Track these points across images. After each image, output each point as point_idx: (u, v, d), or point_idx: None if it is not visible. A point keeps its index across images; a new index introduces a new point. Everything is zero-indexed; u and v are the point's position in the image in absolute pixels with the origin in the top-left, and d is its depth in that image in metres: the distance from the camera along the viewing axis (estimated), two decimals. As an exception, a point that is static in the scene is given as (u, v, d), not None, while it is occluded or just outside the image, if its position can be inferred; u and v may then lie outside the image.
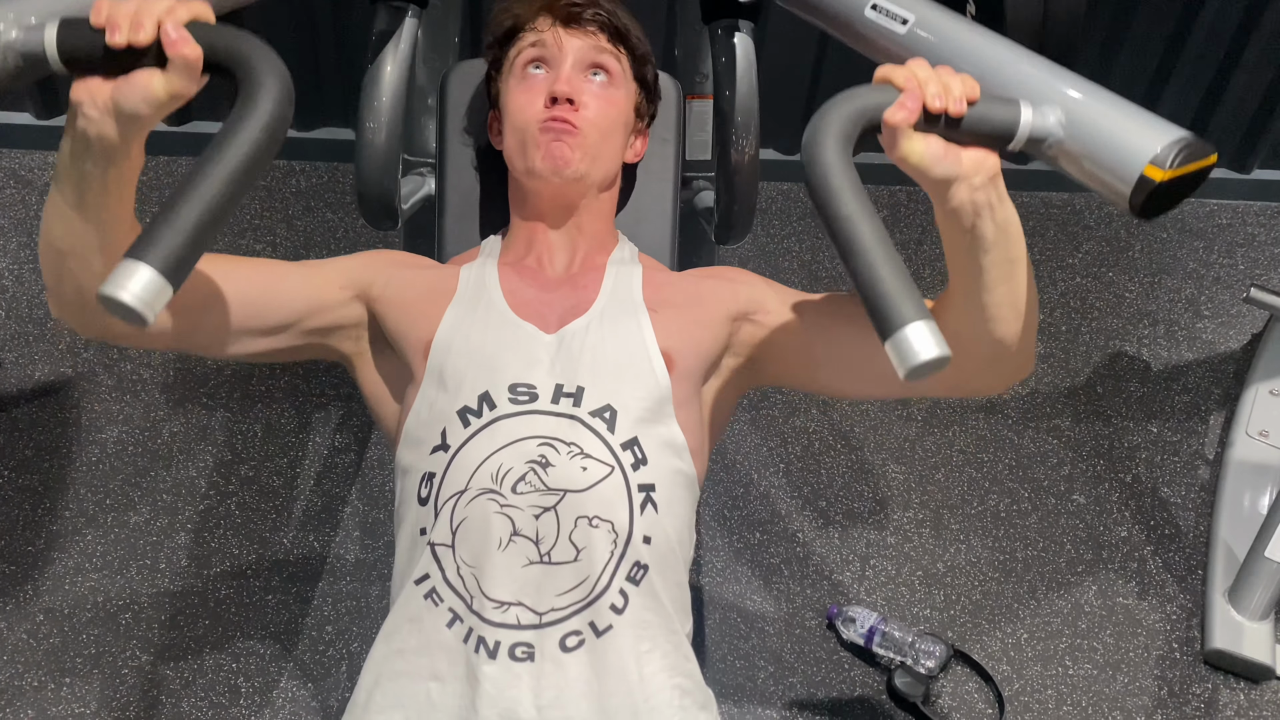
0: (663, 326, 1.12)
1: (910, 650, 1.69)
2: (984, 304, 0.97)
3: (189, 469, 1.89)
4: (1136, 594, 1.85)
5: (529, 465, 1.04)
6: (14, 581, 1.71)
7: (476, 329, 1.11)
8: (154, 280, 0.73)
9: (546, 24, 1.21)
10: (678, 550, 1.09)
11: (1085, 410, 2.13)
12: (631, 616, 1.03)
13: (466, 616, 1.02)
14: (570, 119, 1.16)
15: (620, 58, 1.23)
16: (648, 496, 1.06)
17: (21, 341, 2.04)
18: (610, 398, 1.07)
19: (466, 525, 1.03)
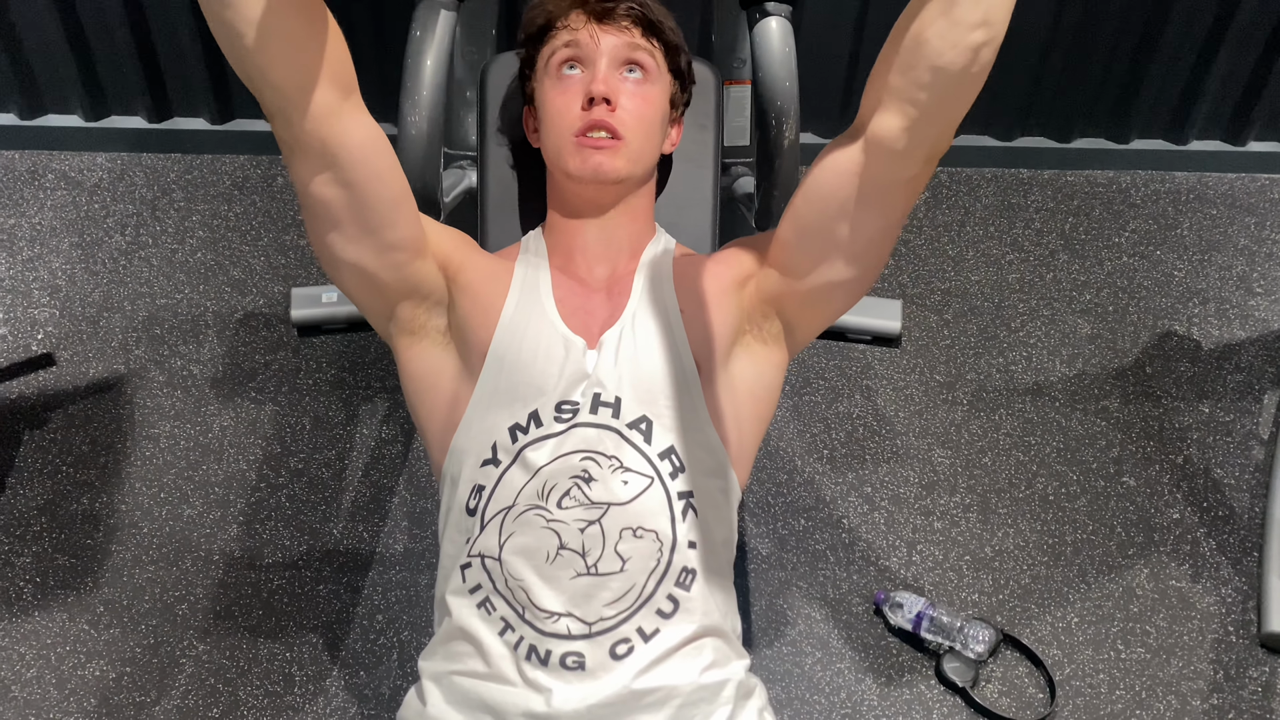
0: (692, 324, 1.13)
1: (959, 635, 1.68)
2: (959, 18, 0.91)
3: (239, 462, 1.92)
4: (1190, 577, 1.82)
5: (573, 481, 1.06)
6: (75, 574, 1.76)
7: (530, 338, 1.12)
8: None
9: (580, 21, 1.21)
10: (721, 552, 1.10)
11: (1134, 391, 2.10)
12: (680, 621, 1.04)
13: (519, 626, 1.04)
14: (608, 122, 1.16)
15: (654, 52, 1.23)
16: (688, 503, 1.07)
17: (75, 340, 2.09)
18: (645, 408, 1.09)
19: (515, 540, 1.05)
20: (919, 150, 1.00)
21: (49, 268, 2.22)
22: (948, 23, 0.92)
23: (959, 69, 0.93)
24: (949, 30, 0.92)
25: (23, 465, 1.89)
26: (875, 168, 1.02)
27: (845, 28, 2.31)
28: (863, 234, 1.07)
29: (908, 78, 0.95)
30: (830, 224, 1.07)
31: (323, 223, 1.06)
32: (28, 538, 1.79)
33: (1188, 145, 2.54)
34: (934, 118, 0.98)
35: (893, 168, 1.02)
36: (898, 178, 1.03)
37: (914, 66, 0.94)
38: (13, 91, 2.39)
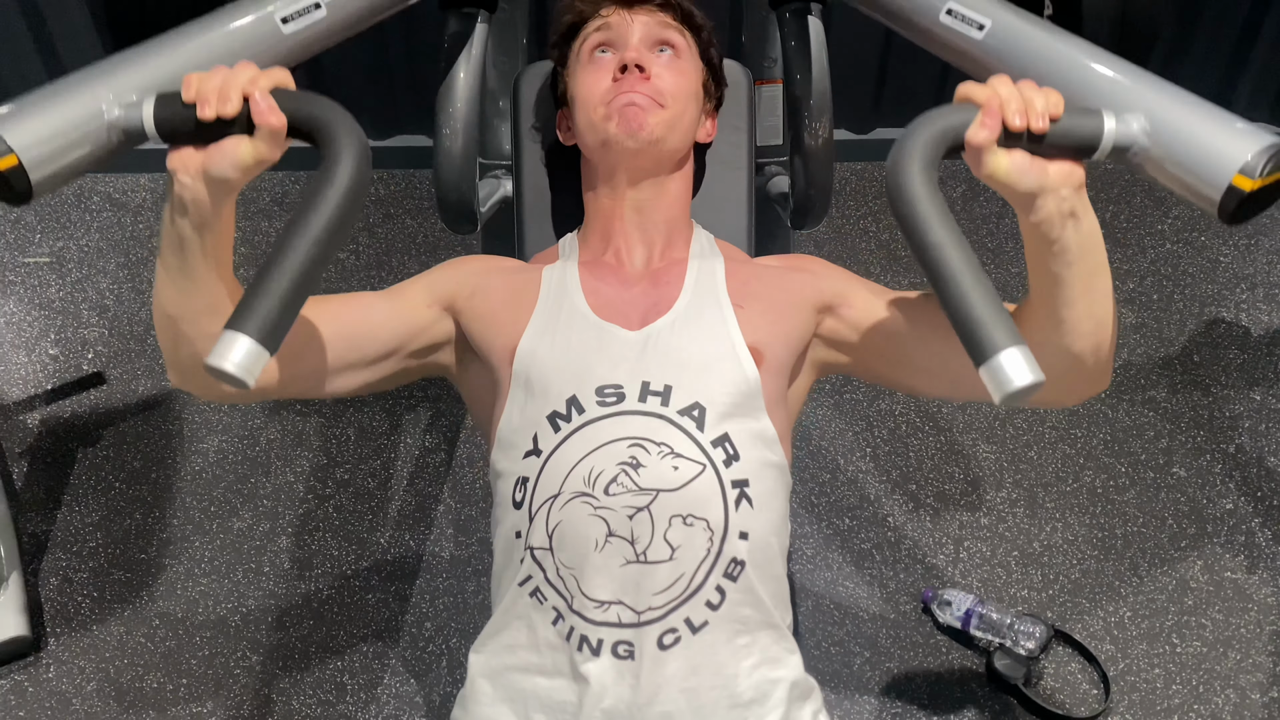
0: (748, 321, 1.12)
1: (1009, 632, 1.67)
2: (1064, 317, 0.96)
3: (287, 474, 1.95)
4: (1245, 568, 1.79)
5: (620, 467, 1.05)
6: (130, 588, 1.79)
7: (560, 334, 1.12)
8: (252, 349, 0.80)
9: (610, 9, 1.23)
10: (774, 544, 1.09)
11: (1182, 380, 2.06)
12: (727, 612, 1.03)
13: (568, 615, 1.04)
14: (642, 89, 1.16)
15: (685, 35, 1.24)
16: (742, 492, 1.06)
17: (124, 358, 2.13)
18: (698, 395, 1.07)
19: (562, 529, 1.05)
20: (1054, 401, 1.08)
21: (97, 288, 2.26)
22: (1054, 322, 0.97)
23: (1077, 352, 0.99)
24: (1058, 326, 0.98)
25: (77, 483, 1.93)
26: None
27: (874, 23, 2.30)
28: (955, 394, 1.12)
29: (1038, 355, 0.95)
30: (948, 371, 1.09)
31: (308, 393, 1.13)
32: (84, 554, 1.83)
33: (1231, 128, 2.49)
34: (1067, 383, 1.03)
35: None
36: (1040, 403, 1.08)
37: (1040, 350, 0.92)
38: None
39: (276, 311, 0.81)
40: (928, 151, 0.86)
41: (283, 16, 1.10)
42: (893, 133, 2.50)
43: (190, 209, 0.90)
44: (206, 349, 0.89)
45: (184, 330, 0.98)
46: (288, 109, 0.88)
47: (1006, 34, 1.07)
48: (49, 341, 2.16)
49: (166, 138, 0.90)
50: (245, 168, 0.89)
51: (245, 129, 0.88)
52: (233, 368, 0.79)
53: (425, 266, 2.36)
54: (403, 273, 2.28)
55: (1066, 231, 0.91)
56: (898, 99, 2.45)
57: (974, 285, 0.81)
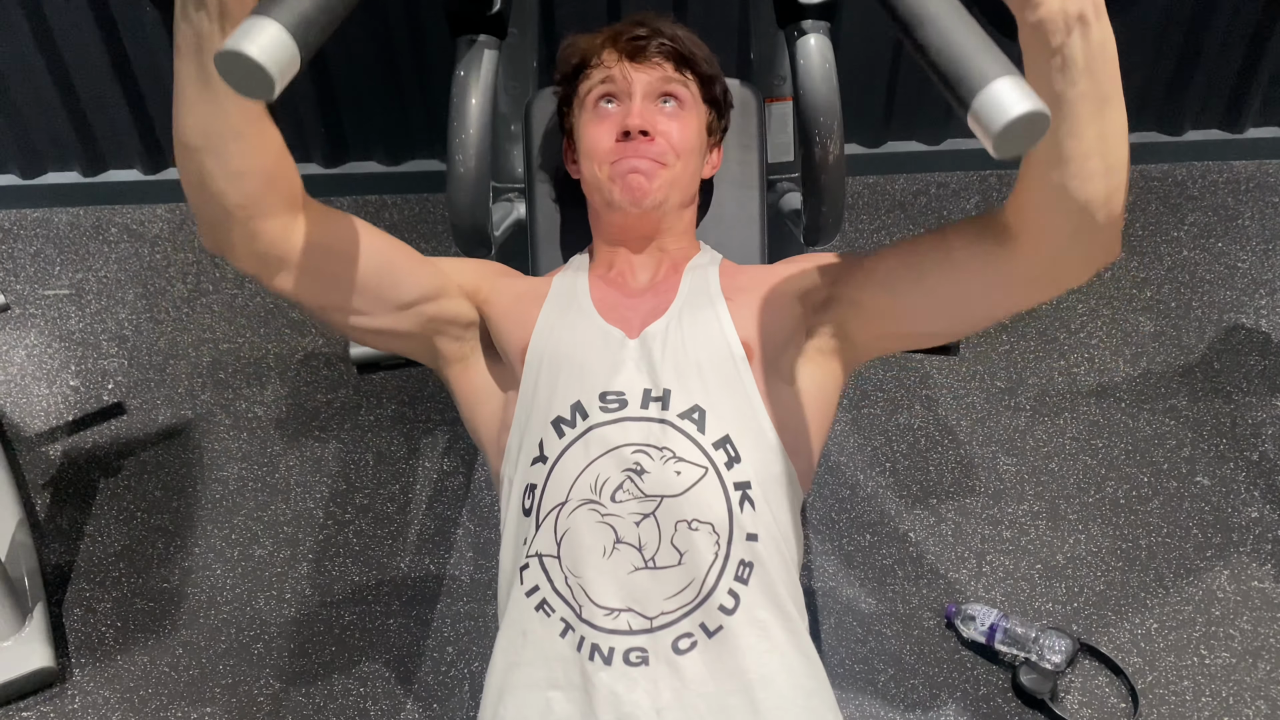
0: (739, 314, 1.13)
1: (1034, 646, 1.65)
2: (1069, 152, 0.84)
3: (306, 500, 1.95)
4: (1273, 577, 1.77)
5: (625, 474, 1.06)
6: (153, 617, 1.80)
7: (566, 333, 1.14)
8: (282, 39, 0.64)
9: (613, 59, 1.23)
10: (784, 546, 1.08)
11: (1203, 388, 2.05)
12: (743, 616, 1.03)
13: (578, 625, 1.04)
14: (645, 153, 1.18)
15: (688, 83, 1.24)
16: (744, 494, 1.06)
17: (144, 388, 2.15)
18: (697, 398, 1.08)
19: (570, 536, 1.05)
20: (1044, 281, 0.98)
21: (116, 319, 2.28)
22: (1060, 160, 0.86)
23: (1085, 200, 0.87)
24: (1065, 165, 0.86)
25: (99, 513, 1.94)
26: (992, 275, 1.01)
27: (883, 37, 2.31)
28: (984, 314, 1.06)
29: (1042, 216, 0.92)
30: (942, 299, 1.06)
31: (328, 314, 1.10)
32: (107, 583, 1.84)
33: (1245, 133, 2.48)
34: (1074, 251, 0.93)
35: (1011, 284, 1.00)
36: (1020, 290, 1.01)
37: (1045, 205, 0.91)
38: (76, 150, 2.47)
39: (312, 8, 0.66)
40: None
41: None
42: (903, 146, 2.50)
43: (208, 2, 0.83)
44: (235, 190, 0.90)
45: (209, 166, 0.93)
46: None
47: None
48: (69, 373, 2.18)
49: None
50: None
51: None
52: (258, 54, 0.63)
53: (440, 290, 2.33)
54: (418, 297, 2.29)
55: (1072, 39, 0.78)
56: (908, 113, 2.45)
57: (958, 22, 0.68)
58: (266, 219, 0.99)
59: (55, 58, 2.31)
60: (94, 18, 2.24)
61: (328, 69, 2.32)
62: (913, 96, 2.41)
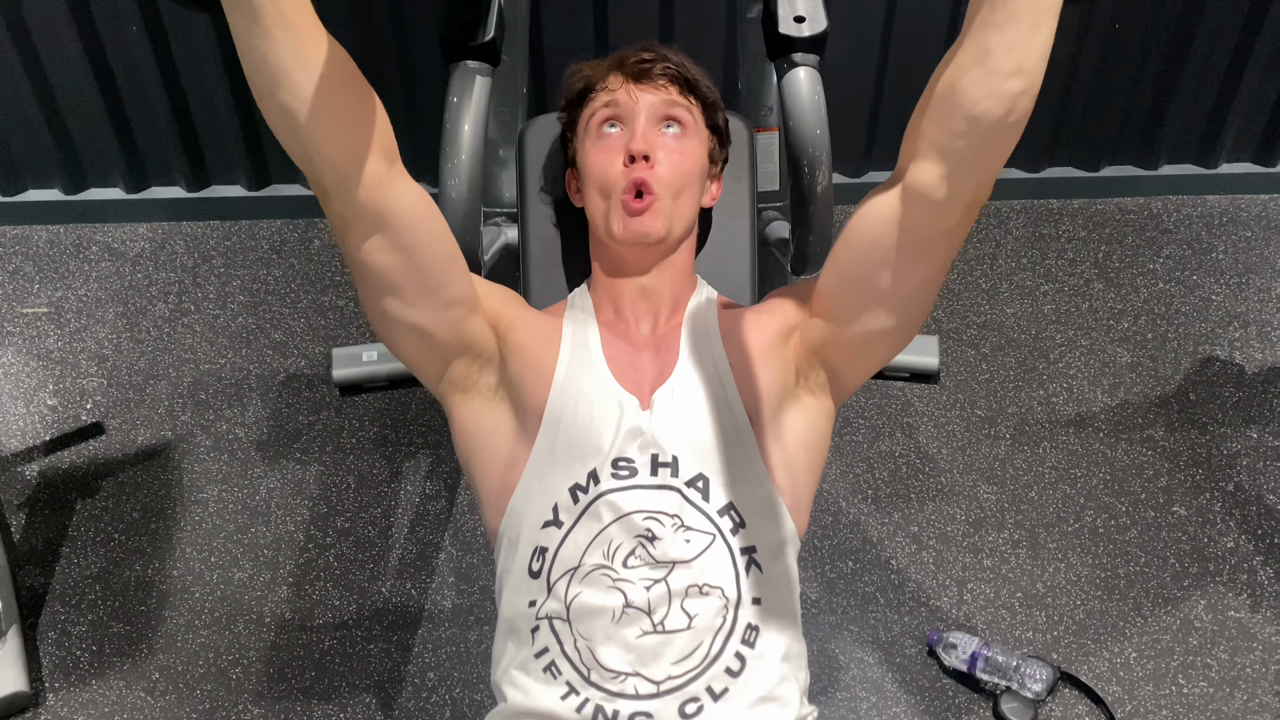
0: (741, 376, 1.14)
1: (1015, 674, 1.66)
2: (995, 66, 0.92)
3: (287, 523, 1.94)
4: (1249, 607, 1.79)
5: (637, 540, 1.07)
6: (130, 641, 1.77)
7: (584, 399, 1.13)
8: None
9: (618, 82, 1.24)
10: (787, 606, 1.09)
11: (1179, 419, 2.08)
12: (748, 678, 1.04)
13: (583, 688, 1.04)
14: (648, 180, 1.18)
15: (692, 109, 1.25)
16: (750, 559, 1.08)
17: (123, 408, 2.13)
18: (702, 465, 1.10)
19: (581, 600, 1.06)
20: (959, 199, 1.00)
21: (96, 338, 2.26)
22: (983, 71, 0.92)
23: (996, 118, 0.94)
24: (984, 79, 0.92)
25: (76, 534, 1.92)
26: (915, 217, 1.03)
27: (868, 67, 2.34)
28: (905, 283, 1.07)
29: (945, 127, 0.96)
30: (872, 273, 1.07)
31: (381, 290, 1.08)
32: (83, 606, 1.82)
33: (1218, 168, 2.53)
34: (972, 167, 0.98)
35: (932, 217, 1.02)
36: (938, 227, 1.03)
37: (950, 116, 0.95)
38: (57, 168, 2.45)
39: None
40: None
41: None
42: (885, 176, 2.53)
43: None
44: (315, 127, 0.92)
45: (287, 103, 0.93)
46: None
47: None
48: (47, 392, 2.16)
49: None
50: None
51: None
52: None
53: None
54: (402, 319, 2.28)
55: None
56: (889, 143, 2.48)
57: None
58: (355, 159, 0.98)
59: (38, 74, 2.30)
60: (77, 33, 2.24)
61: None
62: (894, 127, 2.44)
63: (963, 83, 0.94)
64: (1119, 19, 2.28)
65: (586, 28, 2.27)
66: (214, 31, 2.25)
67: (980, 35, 0.91)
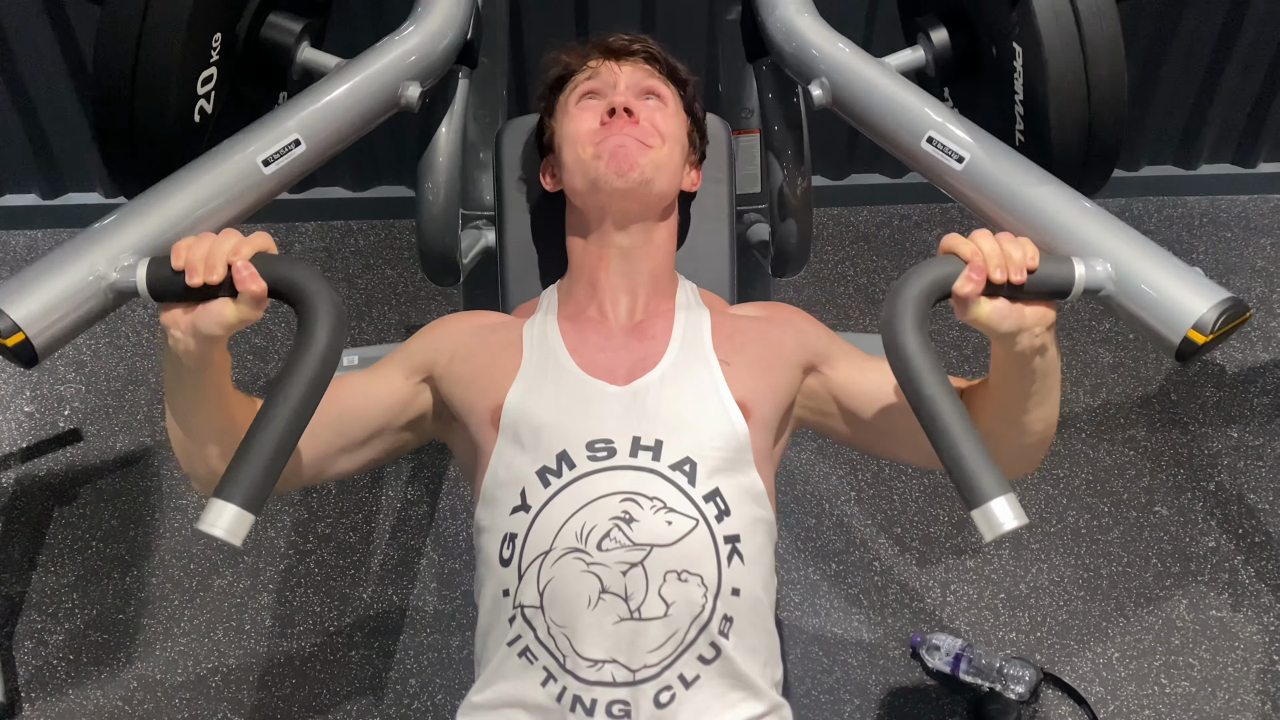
0: (735, 378, 1.13)
1: (998, 676, 1.66)
2: (1023, 422, 1.06)
3: (267, 529, 1.92)
4: (1230, 606, 1.79)
5: (613, 522, 1.04)
6: (108, 650, 1.76)
7: (549, 390, 1.12)
8: (238, 515, 0.88)
9: (598, 59, 1.26)
10: (764, 598, 1.08)
11: (1161, 419, 2.08)
12: (720, 667, 1.03)
13: (560, 676, 1.02)
14: (631, 131, 1.17)
15: (670, 87, 1.26)
16: (734, 548, 1.06)
17: (102, 414, 2.11)
18: (689, 450, 1.08)
19: (554, 586, 1.04)
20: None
21: (73, 343, 2.24)
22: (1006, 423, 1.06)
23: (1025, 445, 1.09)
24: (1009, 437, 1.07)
25: (53, 543, 1.90)
26: None
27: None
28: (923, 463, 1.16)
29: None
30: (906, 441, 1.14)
31: (320, 479, 1.17)
32: (60, 615, 1.80)
33: (1198, 170, 2.54)
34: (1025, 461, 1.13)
35: None
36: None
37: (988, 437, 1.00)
38: (35, 172, 2.43)
39: (260, 477, 0.89)
40: (919, 305, 0.94)
41: (264, 159, 1.16)
42: (867, 179, 2.54)
43: (184, 358, 0.97)
44: (217, 469, 1.02)
45: (193, 453, 1.06)
46: (267, 275, 0.93)
47: (984, 170, 1.16)
48: (24, 399, 2.14)
49: (158, 298, 0.97)
50: (229, 326, 0.94)
51: (229, 292, 0.94)
52: (221, 533, 0.87)
53: (406, 317, 2.34)
54: (384, 323, 2.27)
55: (1035, 360, 1.00)
56: (871, 146, 2.47)
57: (964, 435, 0.90)
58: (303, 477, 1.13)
59: (14, 78, 2.28)
60: (55, 38, 2.22)
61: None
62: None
63: (993, 426, 1.05)
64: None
65: (568, 30, 2.27)
66: (192, 35, 2.23)
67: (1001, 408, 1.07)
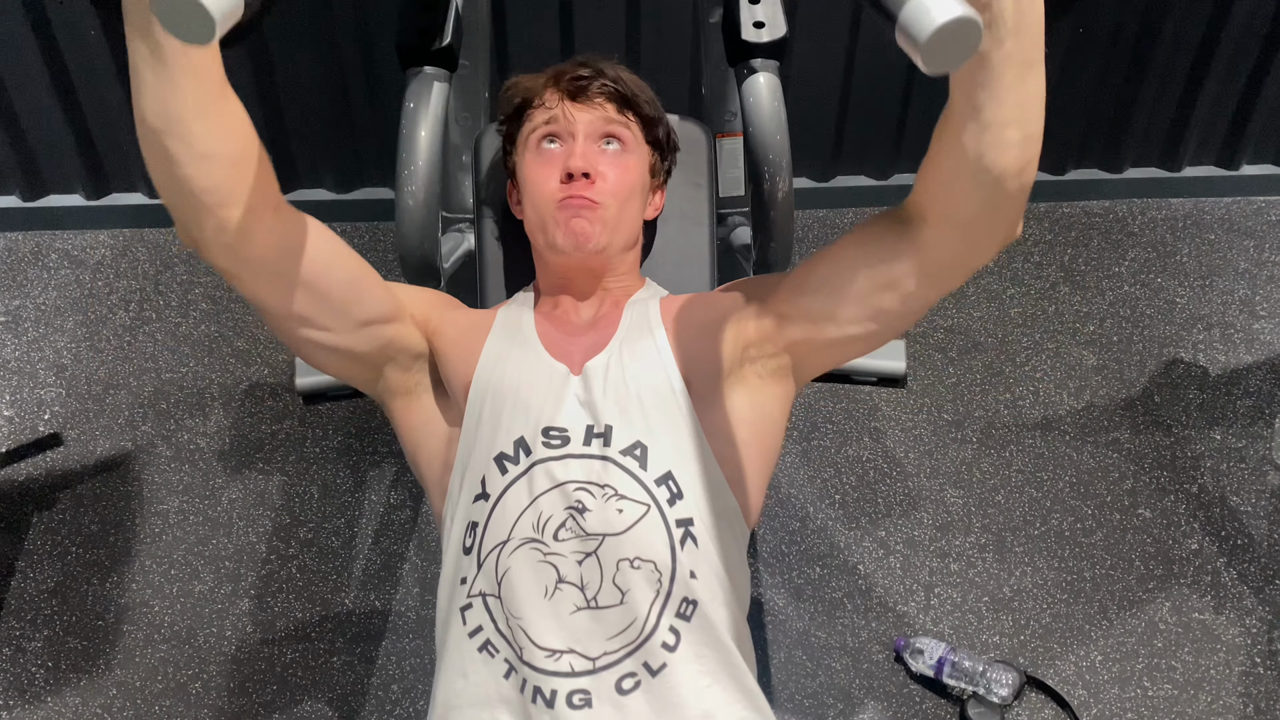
0: (679, 344, 1.12)
1: (982, 679, 1.66)
2: (989, 121, 0.86)
3: (249, 534, 1.91)
4: (1213, 608, 1.80)
5: (568, 512, 1.05)
6: (86, 657, 1.74)
7: (512, 366, 1.13)
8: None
9: (555, 99, 1.23)
10: (728, 583, 1.08)
11: (1144, 421, 2.09)
12: (686, 652, 1.03)
13: (520, 668, 1.03)
14: (588, 195, 1.17)
15: (630, 124, 1.24)
16: (687, 531, 1.06)
17: (82, 418, 2.09)
18: (639, 434, 1.08)
19: (511, 576, 1.04)
20: (983, 251, 0.99)
21: (54, 347, 2.23)
22: (978, 126, 0.88)
23: (1001, 167, 0.90)
24: (981, 133, 0.88)
25: (32, 548, 1.89)
26: (918, 264, 1.01)
27: (834, 73, 2.34)
28: (911, 305, 1.05)
29: (951, 189, 0.94)
30: (867, 295, 1.05)
31: (289, 324, 1.07)
32: (38, 621, 1.78)
33: (1182, 171, 2.55)
34: (988, 219, 0.95)
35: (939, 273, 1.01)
36: (969, 266, 1.01)
37: (956, 176, 0.92)
38: (15, 174, 2.42)
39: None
40: None
41: None
42: (852, 181, 2.53)
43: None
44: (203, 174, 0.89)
45: (173, 150, 0.90)
46: None
47: None
48: (3, 402, 2.12)
49: None
50: None
51: None
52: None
53: (389, 321, 2.28)
54: (367, 327, 2.26)
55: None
56: (857, 148, 2.48)
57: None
58: (238, 208, 0.95)
59: (-5, 80, 2.27)
60: (35, 38, 2.20)
61: (277, 94, 2.30)
62: (862, 131, 2.45)
63: (963, 139, 0.90)
64: (1084, 23, 2.29)
65: (552, 33, 2.26)
66: (173, 36, 2.22)
67: (969, 94, 0.88)
